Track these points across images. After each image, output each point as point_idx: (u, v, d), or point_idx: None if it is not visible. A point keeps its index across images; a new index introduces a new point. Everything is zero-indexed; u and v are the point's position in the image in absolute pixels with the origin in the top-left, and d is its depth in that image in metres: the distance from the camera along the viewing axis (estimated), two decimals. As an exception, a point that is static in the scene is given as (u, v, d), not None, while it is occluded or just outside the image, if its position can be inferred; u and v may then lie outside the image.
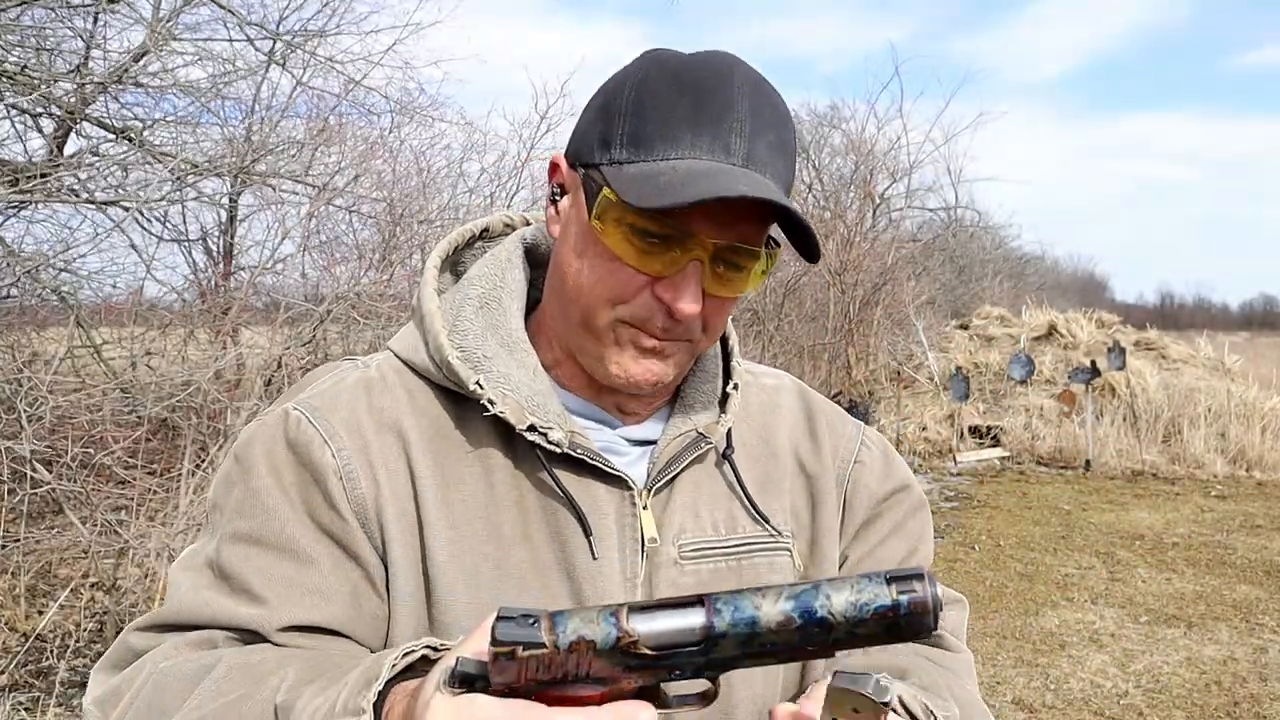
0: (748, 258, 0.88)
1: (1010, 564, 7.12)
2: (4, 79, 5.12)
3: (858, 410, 10.52)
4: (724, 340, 1.07)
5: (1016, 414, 11.83)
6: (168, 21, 5.90)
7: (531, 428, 0.90)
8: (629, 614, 0.58)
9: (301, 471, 0.89)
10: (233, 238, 7.90)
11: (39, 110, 5.72)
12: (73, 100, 5.68)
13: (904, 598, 0.58)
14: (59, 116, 5.95)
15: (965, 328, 14.58)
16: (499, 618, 0.58)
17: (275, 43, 7.08)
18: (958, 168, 21.51)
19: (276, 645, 0.84)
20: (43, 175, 5.27)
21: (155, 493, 5.04)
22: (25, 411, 4.46)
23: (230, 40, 6.79)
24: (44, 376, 4.78)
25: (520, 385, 0.92)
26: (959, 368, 11.89)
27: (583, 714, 0.57)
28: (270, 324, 6.80)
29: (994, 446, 11.50)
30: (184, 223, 7.38)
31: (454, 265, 1.06)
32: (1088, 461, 10.80)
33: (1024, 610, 6.05)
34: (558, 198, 0.94)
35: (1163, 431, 11.22)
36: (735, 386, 1.03)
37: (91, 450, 4.78)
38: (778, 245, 0.92)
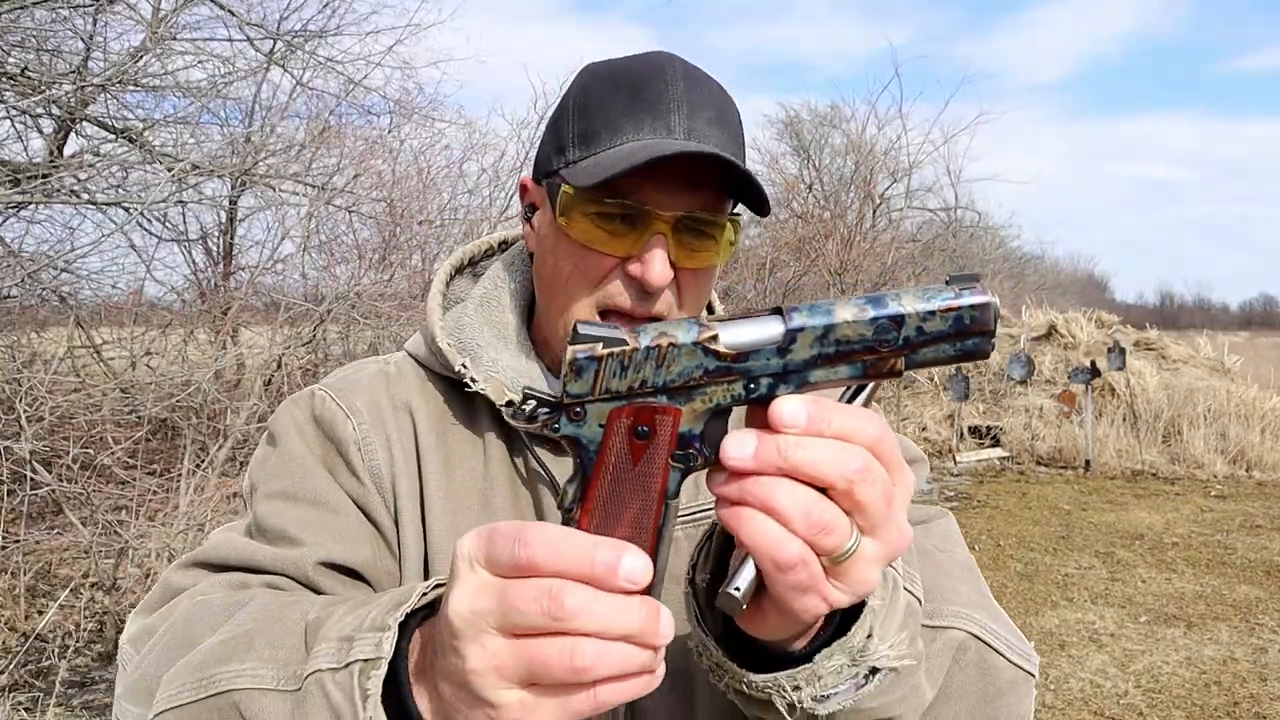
0: (711, 226, 0.93)
1: (1010, 564, 7.12)
2: (4, 79, 5.12)
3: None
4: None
5: (1016, 414, 11.83)
6: (167, 21, 5.90)
7: (509, 404, 0.96)
8: (710, 319, 0.61)
9: (326, 443, 0.99)
10: (232, 238, 7.90)
11: (39, 111, 5.72)
12: (73, 101, 5.68)
13: (965, 292, 0.60)
14: (59, 117, 5.95)
15: (965, 328, 14.53)
16: (578, 324, 0.59)
17: (275, 43, 7.08)
18: (958, 168, 21.50)
19: (310, 589, 0.89)
20: (43, 176, 5.27)
21: (155, 493, 5.04)
22: (25, 412, 4.46)
23: (230, 40, 6.79)
24: (44, 376, 4.79)
25: (507, 369, 1.00)
26: (959, 368, 11.89)
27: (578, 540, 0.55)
28: (270, 324, 6.80)
29: (994, 446, 11.50)
30: (184, 223, 7.39)
31: (475, 275, 1.16)
32: (1087, 461, 10.80)
33: (1024, 610, 6.05)
34: (530, 216, 1.03)
35: (1163, 431, 11.22)
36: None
37: (91, 450, 4.79)
38: (739, 215, 0.98)
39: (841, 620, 0.69)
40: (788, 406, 0.57)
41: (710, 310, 1.15)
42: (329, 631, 0.70)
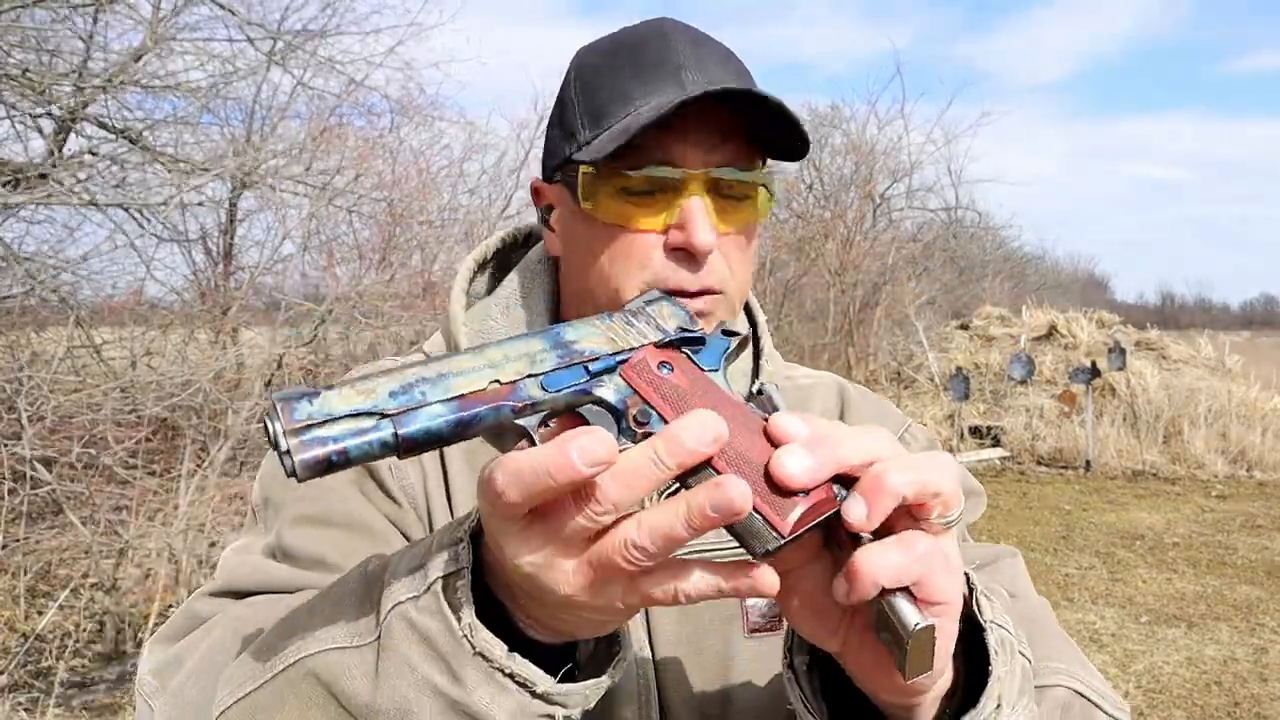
0: (745, 184, 0.87)
1: (1010, 564, 7.11)
2: (5, 80, 5.12)
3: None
4: (755, 339, 1.05)
5: (1016, 414, 11.83)
6: (167, 21, 5.90)
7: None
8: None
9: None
10: (232, 238, 7.90)
11: (39, 111, 5.71)
12: (73, 101, 5.68)
13: None
14: (59, 117, 5.94)
15: (965, 328, 14.57)
16: None
17: (275, 43, 7.07)
18: (958, 168, 21.47)
19: None
20: (43, 176, 5.28)
21: (155, 493, 5.04)
22: (26, 411, 4.46)
23: (230, 40, 6.78)
24: (45, 376, 4.78)
25: None
26: (959, 368, 11.89)
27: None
28: (270, 324, 6.81)
29: (994, 446, 11.50)
30: (184, 223, 7.38)
31: (497, 269, 1.07)
32: (1088, 461, 10.79)
33: (1024, 610, 6.04)
34: (548, 218, 0.95)
35: (1163, 431, 11.21)
36: (760, 388, 0.99)
37: (92, 450, 4.78)
38: (765, 163, 0.91)
39: (964, 696, 0.67)
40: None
41: (756, 338, 1.06)
42: (395, 571, 0.66)
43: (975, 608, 0.68)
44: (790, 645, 0.71)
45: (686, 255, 0.85)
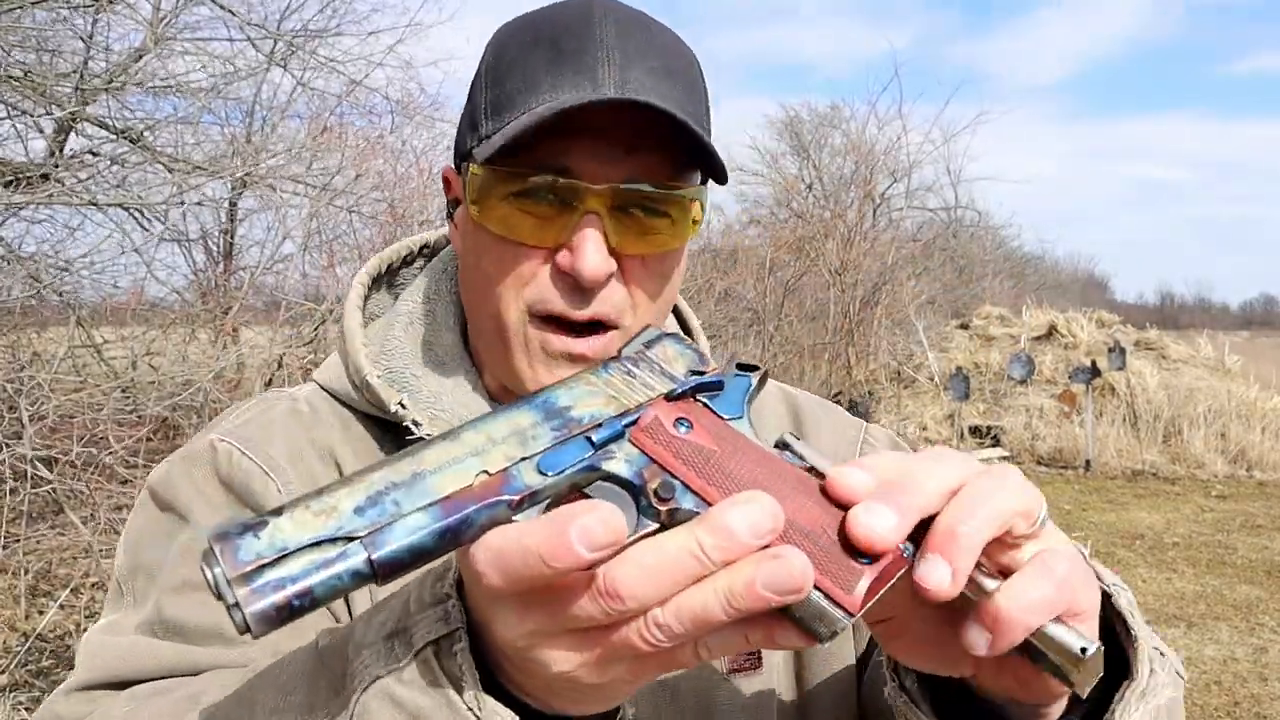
0: (662, 200, 0.76)
1: (1010, 564, 7.12)
2: (5, 80, 5.13)
3: (858, 410, 10.52)
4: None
5: (1016, 414, 11.83)
6: (167, 22, 5.91)
7: None
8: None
9: (243, 510, 0.78)
10: (233, 238, 7.91)
11: (40, 111, 5.72)
12: (73, 101, 5.69)
13: None
14: (60, 117, 5.95)
15: (965, 328, 14.57)
16: None
17: (275, 43, 7.08)
18: (958, 168, 21.49)
19: None
20: (43, 176, 5.28)
21: (156, 492, 5.04)
22: (27, 410, 4.46)
23: (230, 40, 6.80)
24: (45, 376, 4.79)
25: (452, 405, 0.82)
26: (959, 368, 11.89)
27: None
28: (271, 324, 6.81)
29: (994, 446, 11.50)
30: (184, 223, 7.39)
31: (392, 286, 0.97)
32: (1088, 461, 10.80)
33: (1024, 610, 6.05)
34: (453, 212, 0.86)
35: (1163, 431, 11.22)
36: (784, 440, 0.91)
37: (93, 449, 4.79)
38: (703, 187, 0.80)
39: (1109, 669, 0.62)
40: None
41: (680, 317, 0.97)
42: (362, 640, 0.56)
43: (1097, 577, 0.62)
44: (895, 668, 0.65)
45: (573, 281, 0.75)
